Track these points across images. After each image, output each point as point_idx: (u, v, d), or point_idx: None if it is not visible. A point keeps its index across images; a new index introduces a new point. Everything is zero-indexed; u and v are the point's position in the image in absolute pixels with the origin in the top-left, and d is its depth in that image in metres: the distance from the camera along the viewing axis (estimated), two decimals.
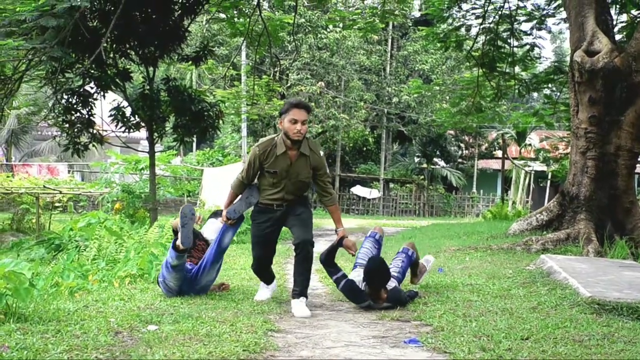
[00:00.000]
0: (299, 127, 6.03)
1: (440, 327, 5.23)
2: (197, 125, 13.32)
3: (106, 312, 5.55)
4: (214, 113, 13.43)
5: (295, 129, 6.03)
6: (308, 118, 6.18)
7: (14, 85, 11.72)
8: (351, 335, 5.13)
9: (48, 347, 4.15)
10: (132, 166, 18.41)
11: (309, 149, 6.23)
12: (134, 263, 8.86)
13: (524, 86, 17.87)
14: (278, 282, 8.22)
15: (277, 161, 6.18)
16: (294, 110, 6.06)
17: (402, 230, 20.22)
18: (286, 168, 6.20)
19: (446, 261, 10.16)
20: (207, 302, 6.36)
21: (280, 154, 6.15)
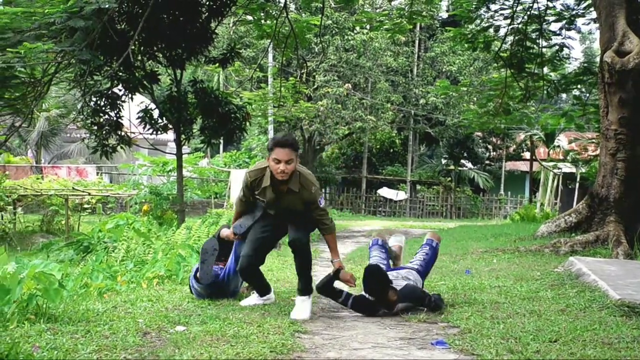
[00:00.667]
0: (282, 167, 5.73)
1: (468, 329, 5.21)
2: (224, 127, 13.38)
3: (134, 313, 5.60)
4: (240, 115, 13.48)
5: (279, 169, 5.74)
6: (294, 157, 5.78)
7: (43, 88, 11.85)
8: (378, 336, 5.14)
9: (78, 347, 4.20)
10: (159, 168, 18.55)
11: (299, 185, 5.91)
12: (161, 264, 8.93)
13: (552, 87, 17.73)
14: None
15: (265, 192, 6.01)
16: (277, 150, 5.76)
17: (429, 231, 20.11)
18: (274, 200, 6.01)
19: (473, 263, 10.12)
20: (234, 303, 6.40)
21: (266, 186, 5.94)
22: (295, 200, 5.98)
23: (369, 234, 19.81)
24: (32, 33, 9.81)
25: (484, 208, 36.49)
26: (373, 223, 26.67)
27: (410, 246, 13.89)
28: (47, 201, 20.75)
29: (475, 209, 36.51)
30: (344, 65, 31.31)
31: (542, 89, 17.45)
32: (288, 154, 5.75)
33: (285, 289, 7.60)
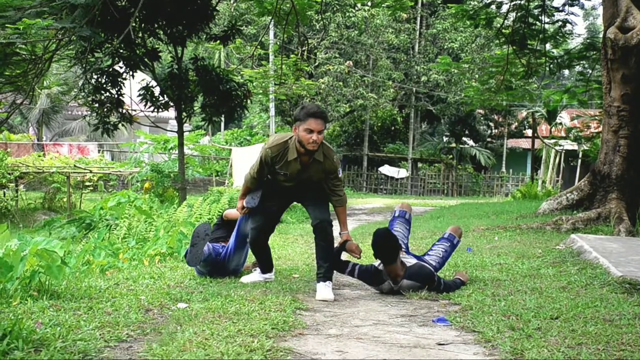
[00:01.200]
0: (315, 137, 5.71)
1: (469, 306, 5.22)
2: (225, 104, 13.36)
3: (137, 290, 5.62)
4: (242, 92, 13.45)
5: (311, 139, 5.71)
6: (325, 127, 5.84)
7: (44, 65, 11.81)
8: (379, 314, 5.15)
9: (80, 324, 4.22)
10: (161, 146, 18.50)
11: (322, 156, 5.92)
12: (163, 242, 8.95)
13: (555, 64, 17.66)
14: (307, 261, 8.26)
15: (289, 165, 5.93)
16: (310, 120, 5.70)
17: (430, 210, 20.17)
18: (297, 172, 5.95)
19: (475, 240, 10.14)
20: (235, 281, 6.42)
21: (292, 159, 5.89)
22: (317, 170, 5.95)
23: (371, 212, 19.85)
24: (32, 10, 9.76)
25: (486, 186, 36.50)
26: (374, 201, 26.69)
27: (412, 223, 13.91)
28: (49, 179, 20.77)
29: (477, 186, 36.52)
30: (345, 43, 31.21)
31: (545, 66, 17.38)
32: (321, 125, 5.75)
33: (287, 267, 7.62)
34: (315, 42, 30.41)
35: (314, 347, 4.05)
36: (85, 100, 13.22)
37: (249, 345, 3.88)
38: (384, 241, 5.82)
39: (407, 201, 24.62)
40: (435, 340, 4.26)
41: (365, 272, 6.10)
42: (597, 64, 16.66)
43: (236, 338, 4.03)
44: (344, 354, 3.90)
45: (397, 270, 5.91)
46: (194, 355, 3.65)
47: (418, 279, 5.90)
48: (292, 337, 4.26)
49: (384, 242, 5.82)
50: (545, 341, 4.05)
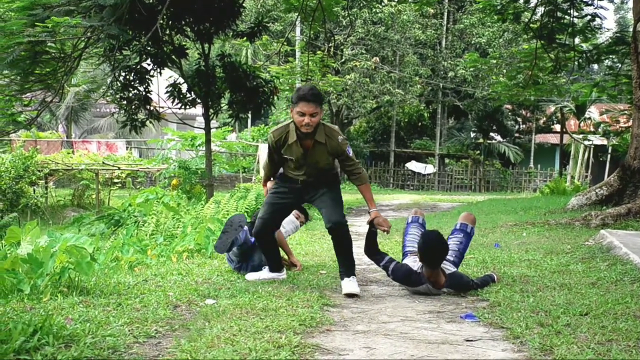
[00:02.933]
0: (307, 119, 5.63)
1: (497, 302, 5.19)
2: (252, 101, 13.39)
3: (165, 286, 5.65)
4: (268, 89, 13.48)
5: (304, 122, 5.64)
6: (319, 109, 5.69)
7: (73, 63, 11.91)
8: (407, 310, 5.13)
9: (110, 320, 4.25)
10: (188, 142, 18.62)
11: (324, 136, 5.81)
12: (191, 238, 8.98)
13: (584, 58, 17.46)
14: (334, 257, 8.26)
15: (291, 149, 5.86)
16: (301, 104, 5.63)
17: (457, 206, 20.08)
18: (301, 156, 5.87)
19: (503, 236, 10.08)
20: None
21: (293, 142, 5.82)
22: (322, 153, 5.84)
23: (398, 208, 19.80)
24: (61, 9, 9.84)
25: (513, 181, 36.24)
26: (401, 197, 26.62)
27: (439, 219, 13.88)
28: (77, 175, 20.98)
29: (505, 182, 36.28)
30: (371, 39, 31.11)
31: (573, 60, 17.19)
32: (313, 107, 5.65)
33: (314, 263, 7.62)
34: (342, 39, 30.36)
35: (341, 343, 4.05)
36: (113, 98, 13.34)
37: (276, 341, 3.88)
38: (435, 245, 5.63)
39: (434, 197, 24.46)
40: (464, 337, 4.24)
41: (400, 270, 5.90)
42: (626, 58, 16.45)
43: (264, 334, 4.04)
44: (371, 350, 3.90)
45: (438, 276, 5.74)
46: (222, 351, 3.67)
47: (458, 288, 5.78)
48: (319, 334, 4.26)
49: (434, 245, 5.63)
50: (574, 337, 4.01)
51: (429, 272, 5.71)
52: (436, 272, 5.71)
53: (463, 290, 5.77)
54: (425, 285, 5.76)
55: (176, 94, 13.29)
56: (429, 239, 5.68)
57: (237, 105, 13.48)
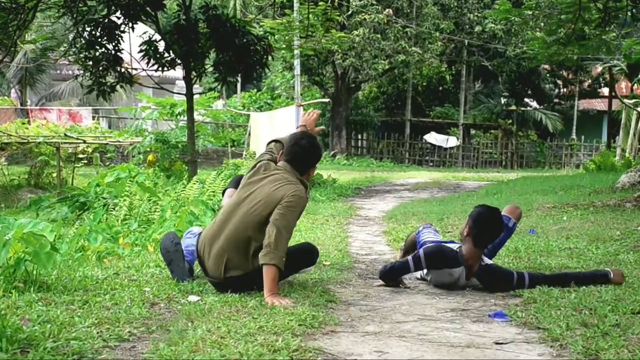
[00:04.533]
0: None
1: (532, 298, 5.19)
2: (241, 62, 13.34)
3: (140, 281, 5.66)
4: (261, 47, 13.42)
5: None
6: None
7: (27, 16, 11.86)
8: (425, 307, 5.15)
9: (74, 320, 4.25)
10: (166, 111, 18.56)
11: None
12: (170, 224, 9.00)
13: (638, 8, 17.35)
14: (339, 245, 8.28)
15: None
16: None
17: (485, 185, 20.08)
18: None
19: (539, 221, 10.08)
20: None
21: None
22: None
23: (414, 188, 19.80)
24: None
25: (552, 155, 36.20)
26: (419, 174, 26.63)
27: (463, 201, 13.86)
28: (35, 150, 20.92)
29: (541, 156, 36.23)
30: None
31: (625, 11, 17.08)
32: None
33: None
34: None
35: (348, 346, 4.06)
36: (76, 58, 13.27)
37: (272, 344, 3.89)
38: (493, 217, 5.78)
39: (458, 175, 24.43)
40: (492, 339, 4.25)
41: (435, 249, 5.87)
42: None
43: (257, 336, 4.05)
44: (383, 355, 3.91)
45: (476, 260, 5.78)
46: (207, 356, 3.68)
47: (491, 284, 5.77)
48: (322, 335, 4.27)
49: (493, 217, 5.78)
50: (625, 340, 4.01)
51: (470, 252, 5.75)
52: (477, 254, 5.76)
53: (498, 288, 5.72)
54: (462, 268, 5.77)
55: (152, 53, 13.23)
56: (487, 209, 5.83)
57: (224, 67, 13.44)
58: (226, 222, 5.50)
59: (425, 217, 11.35)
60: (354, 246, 8.68)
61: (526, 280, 5.66)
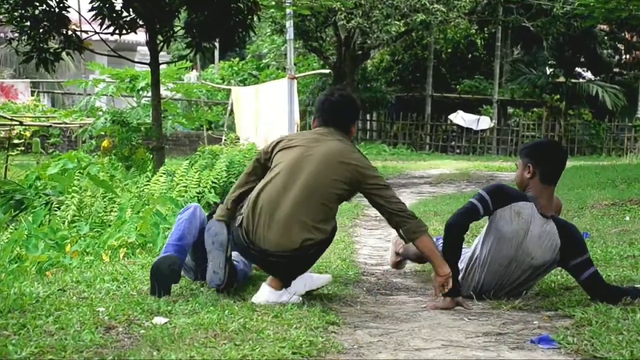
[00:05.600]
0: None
1: (587, 319, 5.19)
2: (220, 23, 13.33)
3: (92, 299, 5.65)
4: (244, 5, 13.41)
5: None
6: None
7: None
8: (451, 331, 5.14)
9: (9, 349, 4.23)
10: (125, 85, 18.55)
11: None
12: (131, 227, 9.00)
13: None
14: (342, 253, 8.27)
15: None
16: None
17: None
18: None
19: (595, 222, 10.10)
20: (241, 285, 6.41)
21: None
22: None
23: (437, 181, 19.81)
24: None
25: (611, 140, 36.19)
26: (442, 164, 26.64)
27: None
28: None
29: (597, 141, 36.23)
30: None
31: None
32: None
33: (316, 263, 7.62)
34: None
35: None
36: (10, 17, 13.22)
37: None
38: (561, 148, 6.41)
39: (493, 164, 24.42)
40: None
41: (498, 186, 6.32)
42: None
43: None
44: None
45: (550, 198, 6.10)
46: None
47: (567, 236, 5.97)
48: None
49: (560, 148, 6.43)
50: None
51: (545, 191, 6.08)
52: (549, 192, 6.08)
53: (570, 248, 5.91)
54: (531, 206, 5.99)
55: (106, 11, 13.20)
56: (553, 142, 6.56)
57: (197, 29, 13.42)
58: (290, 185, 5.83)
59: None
60: (362, 254, 8.69)
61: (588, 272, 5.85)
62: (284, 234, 5.70)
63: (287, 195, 5.76)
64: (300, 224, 5.70)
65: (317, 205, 5.76)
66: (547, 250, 5.91)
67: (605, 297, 5.66)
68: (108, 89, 18.96)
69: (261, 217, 5.76)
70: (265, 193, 5.83)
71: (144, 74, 17.16)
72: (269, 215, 5.74)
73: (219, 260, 5.99)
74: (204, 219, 6.40)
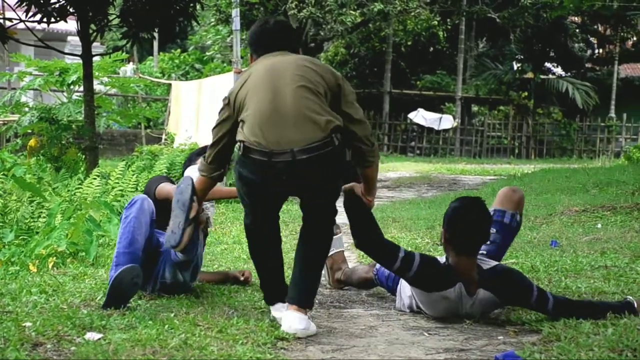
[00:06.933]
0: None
1: (555, 334, 5.23)
2: (159, 11, 13.30)
3: (18, 313, 5.62)
4: None
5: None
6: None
7: None
8: (411, 347, 5.18)
9: None
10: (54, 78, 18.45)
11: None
12: (61, 234, 8.94)
13: None
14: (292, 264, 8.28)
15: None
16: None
17: (491, 181, 20.22)
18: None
19: (564, 229, 10.18)
20: (181, 295, 6.40)
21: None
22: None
23: (395, 184, 19.87)
24: None
25: (583, 141, 36.47)
26: (401, 167, 26.69)
27: None
28: None
29: (568, 142, 36.49)
30: None
31: None
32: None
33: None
34: None
35: None
36: None
37: None
38: (477, 211, 5.76)
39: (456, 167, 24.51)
40: None
41: (432, 265, 5.84)
42: None
43: None
44: None
45: (472, 270, 5.75)
46: None
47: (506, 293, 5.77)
48: None
49: (476, 212, 5.75)
50: None
51: (462, 262, 5.74)
52: (472, 261, 5.76)
53: (514, 298, 5.80)
54: (458, 286, 5.76)
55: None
56: (463, 201, 5.87)
57: (134, 17, 13.39)
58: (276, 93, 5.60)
59: (410, 223, 11.38)
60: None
61: (550, 302, 5.65)
62: (305, 124, 5.47)
63: (280, 101, 5.52)
64: (312, 107, 5.50)
65: (314, 92, 5.58)
66: (490, 306, 5.84)
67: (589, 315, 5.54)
68: (35, 83, 18.84)
69: (270, 128, 5.48)
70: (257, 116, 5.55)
71: (75, 67, 17.07)
72: (277, 121, 5.49)
73: (179, 220, 5.99)
74: (152, 210, 6.40)
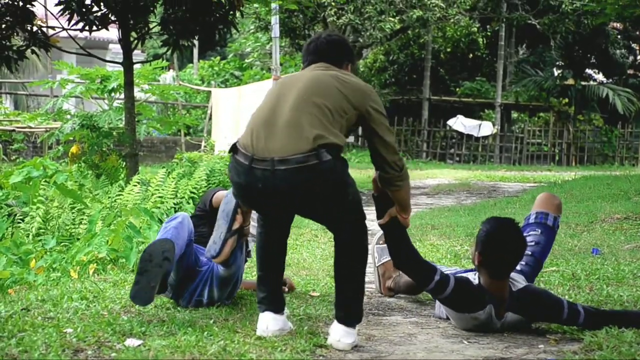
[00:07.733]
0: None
1: (597, 343, 5.19)
2: (199, 19, 13.34)
3: (59, 319, 5.64)
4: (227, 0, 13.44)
5: None
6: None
7: None
8: (450, 356, 5.16)
9: None
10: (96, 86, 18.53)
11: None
12: (102, 241, 8.97)
13: None
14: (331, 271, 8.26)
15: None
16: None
17: (531, 188, 20.11)
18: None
19: (606, 237, 10.11)
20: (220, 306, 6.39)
21: None
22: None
23: (434, 191, 19.82)
24: None
25: (624, 148, 36.22)
26: (440, 174, 26.60)
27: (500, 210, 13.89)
28: None
29: (609, 149, 36.26)
30: None
31: None
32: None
33: (301, 279, 7.63)
34: None
35: None
36: None
37: None
38: (509, 235, 5.67)
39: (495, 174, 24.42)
40: None
41: (466, 289, 5.77)
42: None
43: None
44: None
45: (504, 292, 5.69)
46: None
47: (534, 313, 5.74)
48: None
49: (508, 235, 5.66)
50: None
51: (494, 284, 5.68)
52: (504, 284, 5.69)
53: (544, 317, 5.75)
54: (489, 308, 5.68)
55: (75, 6, 13.20)
56: (496, 224, 5.73)
57: (175, 25, 13.43)
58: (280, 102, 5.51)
59: (449, 231, 11.34)
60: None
61: (581, 316, 5.57)
62: (291, 134, 5.30)
63: (281, 108, 5.41)
64: (309, 120, 5.34)
65: (320, 106, 5.41)
66: (519, 325, 5.75)
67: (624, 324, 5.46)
68: (77, 90, 18.94)
69: (260, 133, 5.36)
70: (255, 119, 5.51)
71: (116, 74, 17.14)
72: (268, 128, 5.36)
73: (221, 230, 6.02)
74: (191, 230, 6.35)
